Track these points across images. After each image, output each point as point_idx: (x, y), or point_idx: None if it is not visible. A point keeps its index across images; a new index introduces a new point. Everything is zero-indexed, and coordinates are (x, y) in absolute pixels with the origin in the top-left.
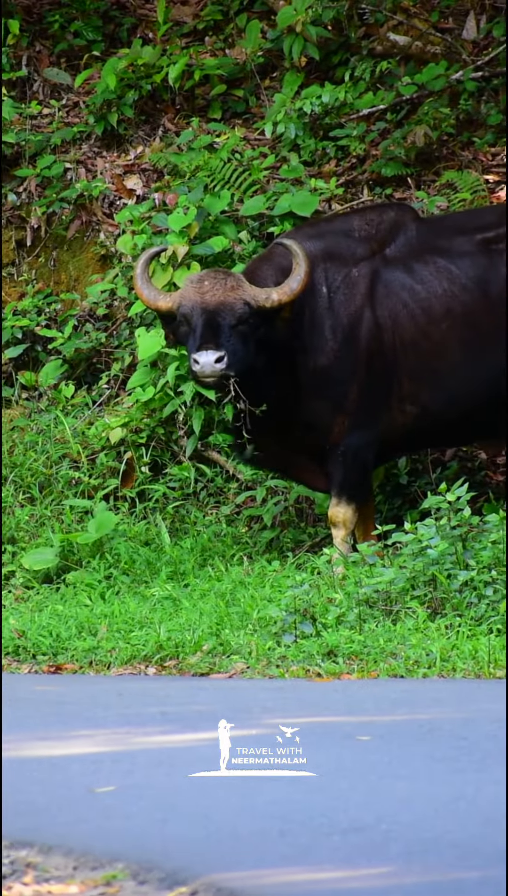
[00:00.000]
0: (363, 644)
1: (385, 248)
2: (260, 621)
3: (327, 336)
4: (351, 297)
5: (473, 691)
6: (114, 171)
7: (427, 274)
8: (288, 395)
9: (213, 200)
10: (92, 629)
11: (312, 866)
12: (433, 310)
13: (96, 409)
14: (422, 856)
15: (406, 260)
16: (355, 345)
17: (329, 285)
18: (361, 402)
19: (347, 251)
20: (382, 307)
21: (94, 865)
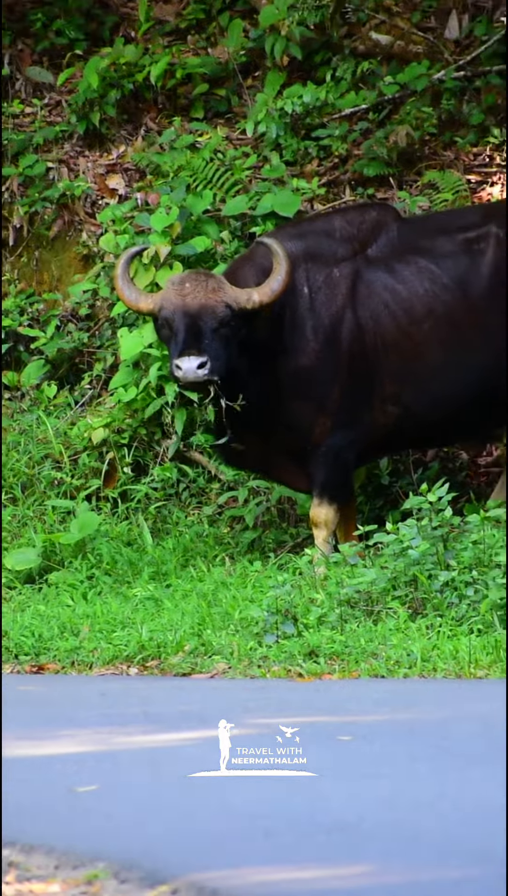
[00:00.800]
0: (344, 644)
1: (367, 249)
2: (242, 621)
3: (308, 336)
4: (332, 298)
5: (454, 691)
6: (96, 171)
7: (409, 274)
8: (270, 395)
9: (195, 200)
10: (74, 629)
11: (294, 865)
12: (414, 310)
13: (79, 410)
14: (403, 855)
15: (388, 260)
16: (336, 345)
17: (311, 285)
18: (342, 402)
19: (328, 251)
20: (363, 308)
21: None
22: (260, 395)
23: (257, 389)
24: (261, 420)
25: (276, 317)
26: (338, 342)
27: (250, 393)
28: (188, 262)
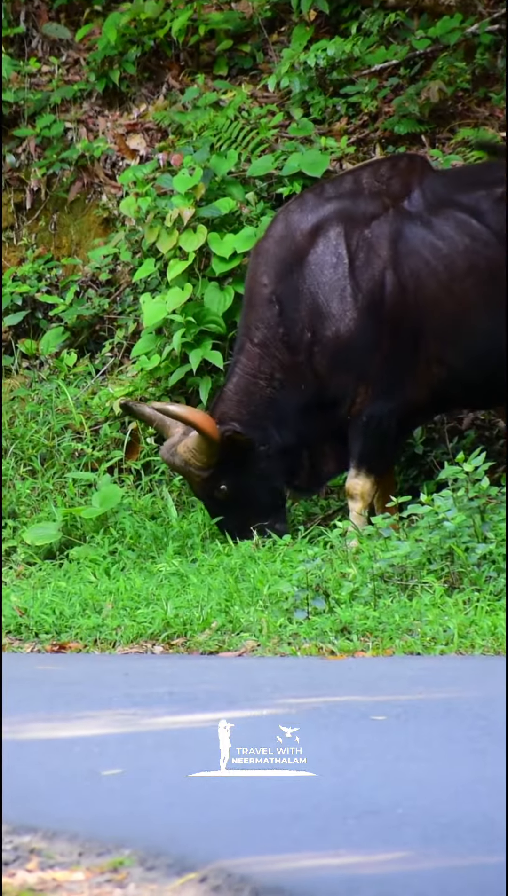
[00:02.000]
0: (377, 620)
1: (400, 203)
2: (271, 597)
3: (347, 303)
4: (371, 259)
5: (492, 668)
6: (116, 131)
7: (448, 229)
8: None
9: (219, 160)
10: (97, 606)
11: (326, 851)
12: (455, 266)
13: (99, 378)
14: (440, 840)
15: (424, 215)
16: (378, 310)
17: (348, 248)
18: (385, 369)
19: (359, 210)
20: (404, 266)
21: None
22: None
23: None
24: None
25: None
26: (380, 306)
27: (306, 432)
28: (213, 225)
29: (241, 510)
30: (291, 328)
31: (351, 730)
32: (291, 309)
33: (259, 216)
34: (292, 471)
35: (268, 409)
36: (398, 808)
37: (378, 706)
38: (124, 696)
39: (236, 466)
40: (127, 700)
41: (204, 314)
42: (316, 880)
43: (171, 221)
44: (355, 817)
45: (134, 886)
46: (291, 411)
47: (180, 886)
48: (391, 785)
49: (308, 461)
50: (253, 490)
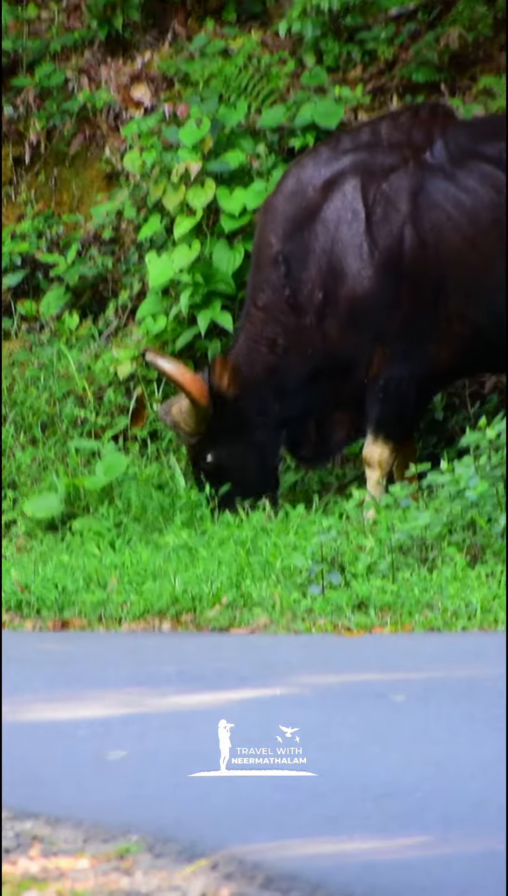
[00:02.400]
0: (396, 595)
1: (422, 155)
2: (284, 571)
3: (364, 260)
4: (389, 214)
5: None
6: (119, 81)
7: (472, 181)
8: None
9: (228, 111)
10: (101, 581)
11: (342, 836)
12: (480, 220)
13: (103, 342)
14: (461, 824)
15: (447, 167)
16: (396, 267)
17: (365, 203)
18: (403, 329)
19: (375, 163)
20: (424, 221)
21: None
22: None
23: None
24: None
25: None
26: (398, 263)
27: (311, 400)
28: (221, 179)
29: (228, 481)
30: (298, 290)
31: (368, 710)
32: (299, 269)
33: (270, 170)
34: (298, 442)
35: (268, 376)
36: (417, 792)
37: (397, 685)
38: (130, 675)
39: (227, 435)
40: (133, 679)
41: (213, 274)
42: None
43: (177, 176)
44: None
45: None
46: (294, 380)
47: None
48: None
49: (317, 430)
50: (243, 462)
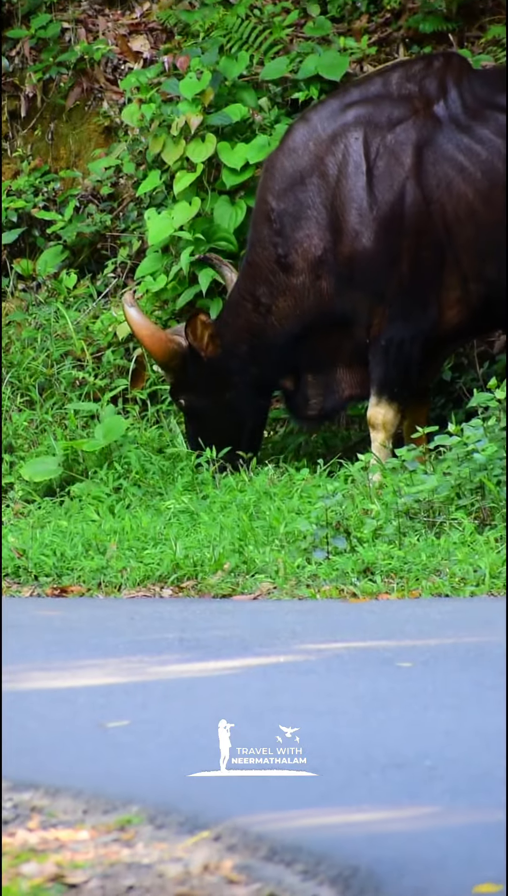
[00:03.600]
0: (402, 560)
1: (433, 106)
2: (288, 536)
3: (364, 216)
4: (390, 169)
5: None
6: (118, 32)
7: (487, 133)
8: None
9: (229, 63)
10: (100, 547)
11: (348, 807)
12: (495, 173)
13: (102, 301)
14: (470, 794)
15: (461, 118)
16: (396, 224)
17: (367, 157)
18: (403, 289)
19: (382, 115)
20: (430, 176)
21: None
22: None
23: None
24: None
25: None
26: (398, 220)
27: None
28: (223, 134)
29: (199, 430)
30: (291, 248)
31: (375, 677)
32: (293, 228)
33: (273, 123)
34: (294, 402)
35: (249, 335)
36: (425, 761)
37: (404, 652)
38: (131, 642)
39: (200, 386)
40: (134, 647)
41: (214, 231)
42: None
43: (177, 130)
44: (379, 771)
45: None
46: (277, 340)
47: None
48: (418, 736)
49: (316, 390)
50: (215, 416)
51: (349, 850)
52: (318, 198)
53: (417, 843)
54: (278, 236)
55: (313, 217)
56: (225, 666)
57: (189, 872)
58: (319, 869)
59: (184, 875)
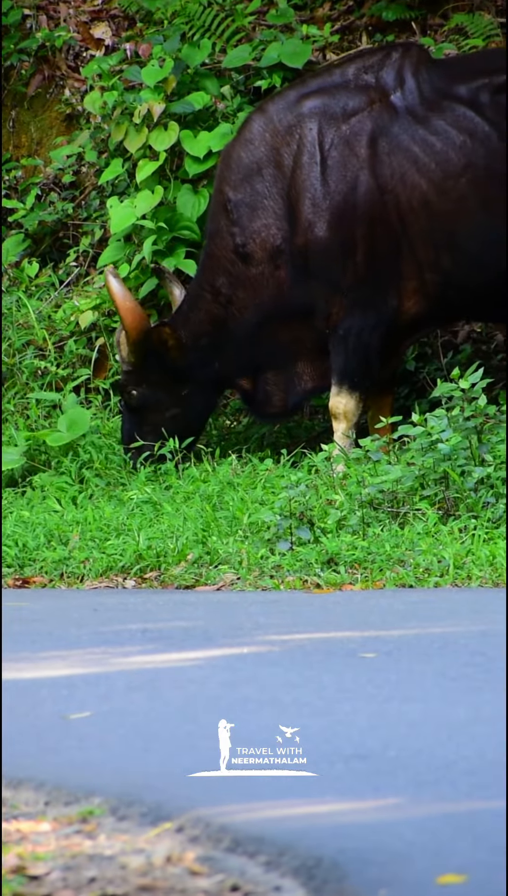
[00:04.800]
0: (367, 551)
1: (390, 97)
2: (251, 527)
3: (319, 206)
4: (344, 159)
5: (491, 601)
6: (79, 19)
7: (444, 124)
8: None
9: (192, 51)
10: (63, 538)
11: (311, 798)
12: (450, 164)
13: (64, 290)
14: (434, 785)
15: (418, 109)
16: (350, 214)
17: (321, 148)
18: (361, 278)
19: (337, 105)
20: (385, 166)
21: (67, 800)
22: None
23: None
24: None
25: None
26: (352, 210)
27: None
28: (185, 122)
29: (142, 424)
30: (249, 238)
31: (339, 668)
32: (250, 218)
33: (236, 112)
34: (252, 395)
35: (209, 326)
36: (389, 752)
37: (368, 643)
38: (94, 634)
39: (158, 376)
40: (97, 638)
41: (177, 219)
42: (301, 829)
43: (139, 118)
44: (343, 762)
45: (105, 837)
46: (238, 331)
47: (155, 837)
48: (382, 727)
49: (276, 382)
50: (166, 408)
51: (313, 842)
52: (274, 188)
53: (381, 834)
54: (236, 226)
55: (270, 207)
56: (188, 657)
57: (152, 864)
58: (282, 860)
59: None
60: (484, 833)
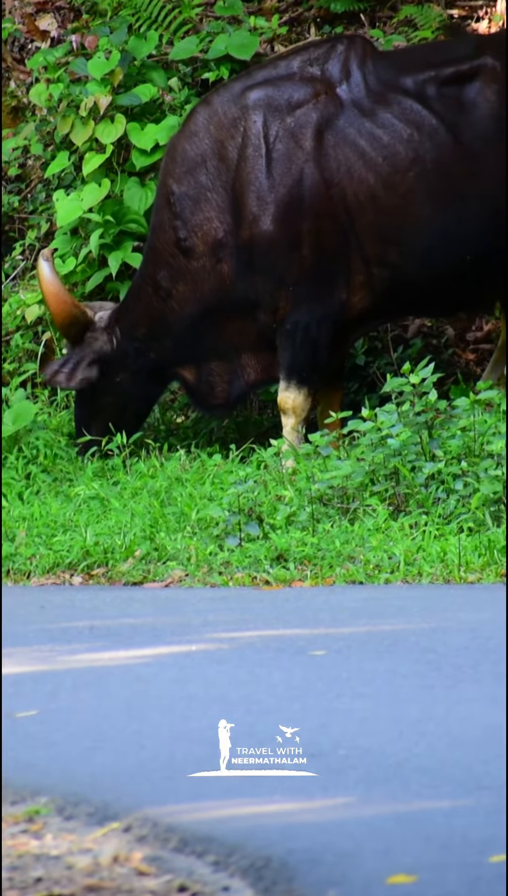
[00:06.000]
0: (316, 547)
1: (335, 90)
2: (200, 522)
3: (263, 200)
4: (289, 152)
5: (442, 598)
6: (24, 10)
7: (390, 116)
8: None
9: (138, 43)
10: (9, 534)
11: (260, 798)
12: (397, 158)
13: (10, 284)
14: (385, 784)
15: (363, 102)
16: (295, 207)
17: (266, 141)
18: (307, 272)
19: (282, 98)
20: (330, 159)
21: (14, 799)
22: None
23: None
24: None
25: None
26: (297, 203)
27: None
28: (132, 114)
29: (81, 409)
30: (190, 232)
31: (289, 666)
32: (192, 211)
33: (183, 104)
34: (194, 388)
35: (150, 320)
36: (339, 750)
37: (318, 640)
38: (41, 631)
39: (90, 363)
40: (44, 635)
41: (124, 213)
42: (250, 829)
43: (86, 110)
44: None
45: (51, 837)
46: (178, 325)
47: (102, 837)
48: (332, 725)
49: (220, 375)
50: (99, 397)
51: (262, 841)
52: (218, 181)
53: (330, 833)
54: (178, 220)
55: (213, 200)
56: (136, 655)
57: (99, 864)
58: (230, 860)
59: (93, 866)
60: (435, 833)
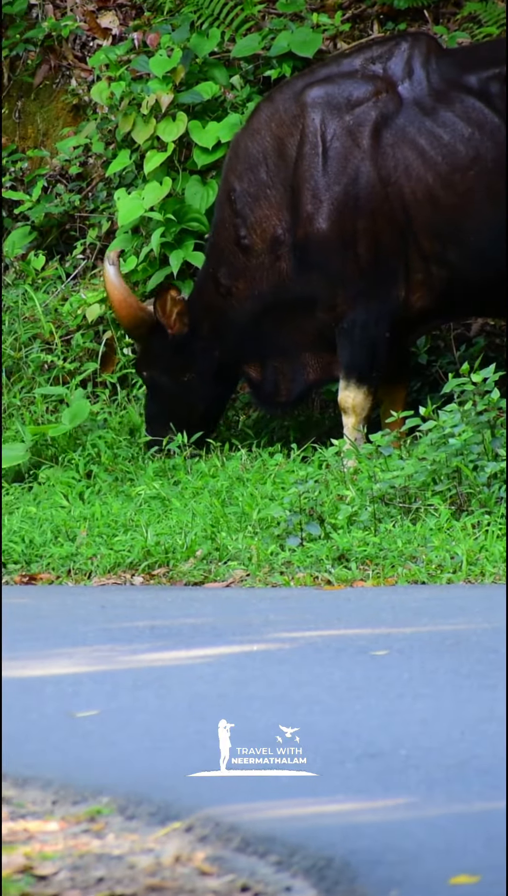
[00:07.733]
0: (378, 547)
1: (397, 88)
2: (261, 522)
3: (320, 198)
4: (345, 150)
5: (504, 598)
6: (86, 8)
7: (452, 115)
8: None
9: (200, 40)
10: (70, 534)
11: (321, 797)
12: (457, 156)
13: (71, 283)
14: (446, 784)
15: (425, 100)
16: (350, 205)
17: (324, 139)
18: (364, 271)
19: (342, 95)
20: (388, 158)
21: (75, 799)
22: None
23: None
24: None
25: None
26: (352, 202)
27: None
28: (194, 112)
29: (156, 408)
30: (250, 229)
31: (350, 666)
32: (252, 209)
33: (245, 102)
34: (258, 385)
35: (211, 316)
36: (400, 750)
37: (379, 640)
38: (101, 631)
39: (163, 364)
40: (104, 635)
41: (185, 211)
42: (312, 829)
43: (147, 108)
44: (353, 761)
45: (113, 837)
46: (239, 322)
47: (164, 836)
48: (394, 725)
49: (281, 373)
50: (171, 397)
51: (324, 841)
52: (278, 178)
53: (392, 833)
54: (238, 217)
55: (272, 197)
56: (197, 655)
57: (160, 864)
58: (293, 860)
59: (155, 866)
60: (497, 833)
